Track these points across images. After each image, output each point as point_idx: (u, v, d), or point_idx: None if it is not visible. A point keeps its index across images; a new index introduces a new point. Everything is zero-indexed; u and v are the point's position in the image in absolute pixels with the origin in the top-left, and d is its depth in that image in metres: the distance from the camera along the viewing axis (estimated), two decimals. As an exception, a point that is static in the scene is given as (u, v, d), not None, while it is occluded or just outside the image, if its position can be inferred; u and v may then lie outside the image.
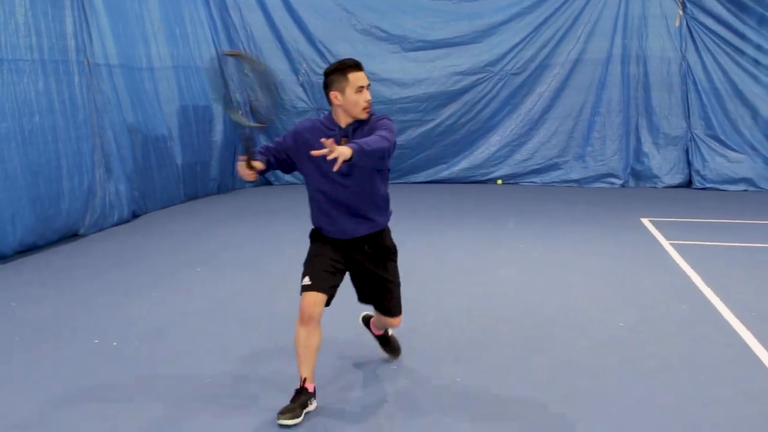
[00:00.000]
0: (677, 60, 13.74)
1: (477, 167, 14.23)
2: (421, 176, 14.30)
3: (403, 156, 14.01)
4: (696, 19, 13.56)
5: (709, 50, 13.59)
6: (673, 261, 7.91)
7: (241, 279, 7.28)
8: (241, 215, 10.86)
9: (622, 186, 13.93)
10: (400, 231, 9.20)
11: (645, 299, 6.55)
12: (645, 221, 10.19)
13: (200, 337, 5.57)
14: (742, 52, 13.46)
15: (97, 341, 5.44)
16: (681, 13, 13.62)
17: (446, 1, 13.85)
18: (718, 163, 13.58)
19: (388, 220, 4.44)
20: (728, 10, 13.40)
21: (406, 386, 4.68)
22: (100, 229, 9.51)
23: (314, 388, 4.26)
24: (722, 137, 13.60)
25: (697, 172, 13.66)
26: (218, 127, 12.62)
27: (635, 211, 10.99)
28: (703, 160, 13.64)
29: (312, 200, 4.32)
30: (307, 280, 4.23)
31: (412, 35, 13.87)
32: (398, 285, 4.55)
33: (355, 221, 4.26)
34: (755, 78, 13.44)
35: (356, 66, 4.14)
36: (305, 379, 4.22)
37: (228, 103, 4.35)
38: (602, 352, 5.25)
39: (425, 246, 8.68)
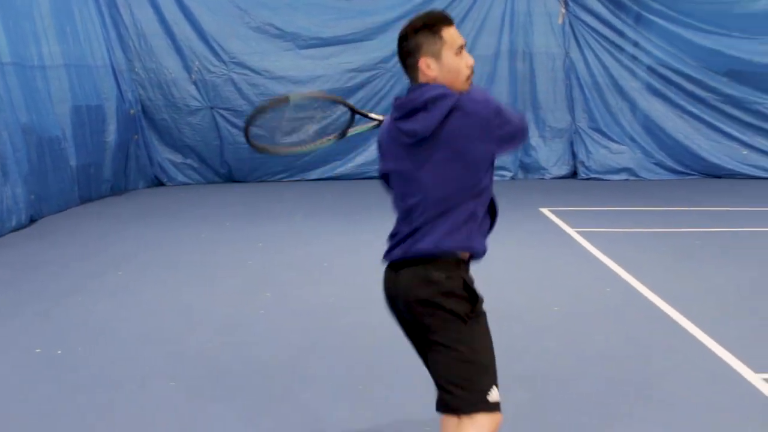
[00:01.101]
0: (561, 56, 14.33)
1: (372, 163, 14.33)
2: (316, 173, 14.29)
3: (297, 153, 13.98)
4: (578, 17, 14.18)
5: (590, 47, 14.24)
6: (583, 247, 8.29)
7: (170, 280, 7.14)
8: (143, 217, 10.59)
9: (512, 178, 14.39)
10: (315, 231, 9.30)
11: (570, 284, 6.86)
12: (545, 211, 10.61)
13: (148, 341, 5.45)
14: (621, 49, 14.17)
15: (39, 350, 5.24)
16: (564, 11, 14.21)
17: (339, -2, 13.95)
18: (601, 154, 14.24)
19: None
20: (607, 8, 14.08)
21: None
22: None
23: None
24: (604, 129, 14.27)
25: (582, 163, 14.28)
26: (111, 128, 12.22)
27: (533, 202, 11.40)
28: (587, 151, 14.27)
29: (482, 202, 2.91)
30: (496, 395, 2.83)
31: (305, 33, 13.84)
32: None
33: None
34: (633, 73, 14.19)
35: (449, 19, 2.92)
36: None
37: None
38: (548, 336, 5.48)
39: (345, 244, 8.76)
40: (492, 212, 2.97)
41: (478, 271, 3.07)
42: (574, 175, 14.42)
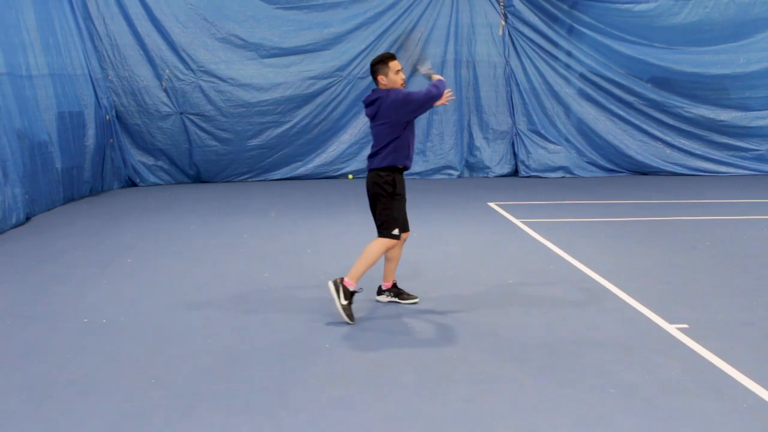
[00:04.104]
0: (502, 64, 15.67)
1: (330, 163, 15.50)
2: (279, 173, 15.36)
3: (262, 155, 15.08)
4: (516, 29, 15.53)
5: (528, 56, 15.61)
6: (529, 234, 9.57)
7: (177, 265, 8.16)
8: (128, 213, 11.49)
9: (459, 177, 15.67)
10: (292, 224, 10.34)
11: (519, 263, 8.12)
12: (492, 205, 11.89)
13: (178, 309, 6.49)
14: (555, 58, 15.58)
15: (86, 320, 6.24)
16: (503, 23, 15.55)
17: (298, 12, 15.02)
18: (539, 154, 15.62)
19: None
20: (543, 20, 15.48)
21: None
22: (1, 232, 9.94)
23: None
24: (542, 131, 15.65)
25: (522, 162, 15.64)
26: (90, 132, 13.14)
27: (481, 197, 12.69)
28: (527, 151, 15.63)
29: (402, 142, 6.10)
30: (396, 232, 6.20)
31: (267, 43, 14.90)
32: None
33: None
34: (567, 80, 15.62)
35: (393, 57, 6.17)
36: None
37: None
38: (507, 301, 6.73)
39: (321, 234, 9.86)
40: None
41: (445, 254, 4.22)
42: (515, 173, 15.77)
